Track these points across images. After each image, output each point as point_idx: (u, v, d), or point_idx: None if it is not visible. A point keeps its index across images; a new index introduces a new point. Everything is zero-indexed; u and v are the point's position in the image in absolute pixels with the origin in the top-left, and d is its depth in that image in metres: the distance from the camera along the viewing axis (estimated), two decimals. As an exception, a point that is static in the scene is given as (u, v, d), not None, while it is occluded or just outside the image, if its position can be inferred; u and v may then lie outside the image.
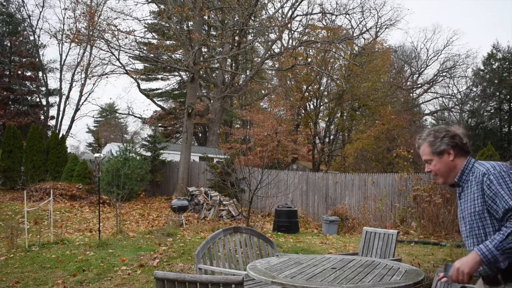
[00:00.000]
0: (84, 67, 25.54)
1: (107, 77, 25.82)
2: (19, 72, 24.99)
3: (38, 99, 27.36)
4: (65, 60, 26.70)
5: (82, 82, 26.02)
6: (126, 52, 18.41)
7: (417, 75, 35.48)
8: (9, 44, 25.69)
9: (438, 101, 35.49)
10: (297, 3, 23.84)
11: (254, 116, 24.33)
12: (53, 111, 27.27)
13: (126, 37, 18.96)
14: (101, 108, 34.14)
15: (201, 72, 19.92)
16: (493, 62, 31.48)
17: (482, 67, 32.42)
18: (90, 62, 24.81)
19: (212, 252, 3.75)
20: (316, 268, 3.03)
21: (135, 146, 17.08)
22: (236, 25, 19.84)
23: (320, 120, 29.72)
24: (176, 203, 11.96)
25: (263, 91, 30.79)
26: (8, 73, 25.56)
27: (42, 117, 26.52)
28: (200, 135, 35.44)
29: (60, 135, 19.09)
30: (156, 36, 22.29)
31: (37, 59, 26.11)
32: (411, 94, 34.53)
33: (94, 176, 15.31)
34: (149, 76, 29.55)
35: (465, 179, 2.19)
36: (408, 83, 34.85)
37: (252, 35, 25.67)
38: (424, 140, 2.27)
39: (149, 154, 17.61)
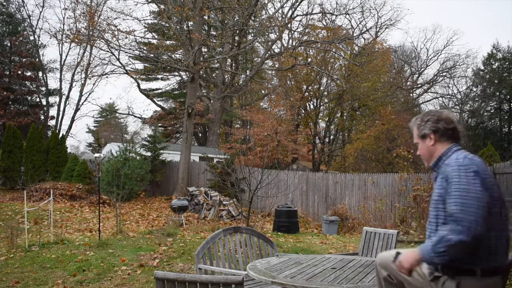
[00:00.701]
0: (84, 67, 25.54)
1: (107, 77, 25.84)
2: (19, 72, 24.98)
3: (38, 99, 27.36)
4: (65, 60, 26.72)
5: (82, 82, 26.04)
6: (126, 52, 18.42)
7: (417, 75, 35.49)
8: (9, 44, 25.69)
9: (438, 101, 35.49)
10: (297, 3, 23.84)
11: (254, 116, 24.33)
12: (53, 111, 27.30)
13: (126, 37, 18.96)
14: (101, 108, 34.14)
15: (201, 72, 19.91)
16: (493, 62, 31.48)
17: (482, 67, 32.43)
18: (90, 62, 24.82)
19: (212, 252, 3.75)
20: (316, 268, 3.03)
21: (135, 146, 17.08)
22: (236, 25, 19.84)
23: (320, 120, 29.73)
24: (176, 203, 11.96)
25: (263, 91, 30.79)
26: (8, 73, 25.56)
27: (42, 117, 26.52)
28: (200, 135, 35.44)
29: (60, 135, 19.09)
30: (156, 36, 22.29)
31: (37, 59, 26.10)
32: (411, 94, 34.53)
33: (94, 176, 15.31)
34: (149, 76, 29.55)
35: (440, 165, 2.21)
36: (408, 83, 34.84)
37: (252, 35, 25.67)
38: (414, 123, 2.33)
39: (149, 154, 17.61)
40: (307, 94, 26.86)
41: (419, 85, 34.99)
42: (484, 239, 1.94)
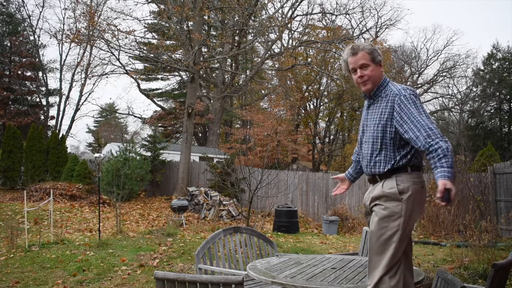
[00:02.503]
0: (84, 67, 25.54)
1: (107, 77, 25.83)
2: (19, 72, 24.98)
3: (38, 99, 27.36)
4: (65, 60, 26.72)
5: (82, 82, 26.02)
6: (126, 52, 18.41)
7: (417, 75, 35.48)
8: (9, 44, 25.69)
9: (438, 101, 35.52)
10: (297, 3, 23.83)
11: (254, 116, 24.33)
12: (53, 111, 27.29)
13: (126, 37, 18.94)
14: (101, 108, 34.14)
15: (201, 72, 19.91)
16: (493, 62, 31.48)
17: (482, 67, 32.43)
18: (90, 62, 24.81)
19: (212, 252, 3.75)
20: (316, 268, 3.03)
21: (135, 146, 17.08)
22: (236, 25, 19.84)
23: (320, 120, 29.74)
24: (176, 203, 11.96)
25: (263, 91, 30.79)
26: (8, 73, 25.56)
27: (42, 117, 26.51)
28: (200, 135, 35.44)
29: (60, 135, 19.08)
30: (156, 36, 22.28)
31: (37, 59, 26.10)
32: (411, 94, 34.48)
33: (94, 176, 15.31)
34: (149, 76, 29.53)
35: (378, 94, 2.44)
36: (408, 83, 34.83)
37: (252, 35, 25.66)
38: (363, 49, 2.44)
39: (149, 154, 17.60)
40: (307, 94, 26.87)
41: (419, 85, 34.98)
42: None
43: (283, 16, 24.45)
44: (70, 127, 27.00)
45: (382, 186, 2.37)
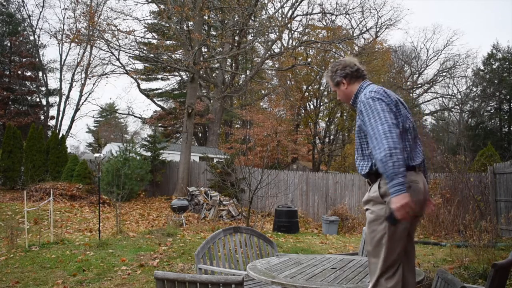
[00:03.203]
0: (84, 67, 25.53)
1: (107, 77, 25.83)
2: (19, 72, 24.97)
3: (38, 99, 27.35)
4: (65, 60, 26.70)
5: (82, 82, 26.01)
6: (126, 52, 18.41)
7: (417, 75, 35.50)
8: (9, 44, 25.68)
9: (438, 101, 35.53)
10: (297, 3, 23.83)
11: (254, 116, 24.33)
12: (53, 111, 27.28)
13: (126, 37, 18.95)
14: (101, 108, 34.13)
15: (201, 72, 19.91)
16: (493, 62, 31.47)
17: (482, 67, 32.42)
18: (90, 62, 24.80)
19: (212, 252, 3.75)
20: (316, 268, 3.03)
21: (135, 146, 17.07)
22: (236, 25, 19.84)
23: (320, 120, 29.74)
24: (176, 203, 11.96)
25: (263, 91, 30.78)
26: (8, 73, 25.55)
27: (42, 117, 26.50)
28: (200, 135, 35.43)
29: (60, 135, 19.08)
30: (156, 36, 22.28)
31: (37, 59, 26.10)
32: (411, 94, 34.52)
33: (94, 176, 15.31)
34: (149, 76, 29.52)
35: (356, 103, 2.54)
36: (408, 83, 34.85)
37: (252, 35, 25.65)
38: (327, 76, 2.68)
39: (149, 154, 17.60)
40: (307, 94, 26.86)
41: (419, 85, 35.00)
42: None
43: (283, 16, 24.45)
44: (70, 127, 27.01)
45: (369, 190, 2.43)
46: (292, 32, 25.02)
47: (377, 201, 2.32)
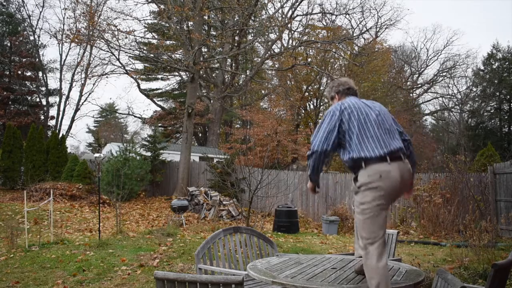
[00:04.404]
0: (84, 67, 25.54)
1: (107, 77, 25.79)
2: (19, 72, 24.98)
3: (38, 99, 27.36)
4: (65, 60, 26.73)
5: (82, 82, 26.03)
6: (126, 52, 18.40)
7: (417, 75, 35.49)
8: (9, 44, 25.69)
9: (438, 101, 35.53)
10: (297, 3, 23.82)
11: (254, 116, 24.32)
12: (53, 111, 27.30)
13: (126, 37, 18.96)
14: (101, 108, 34.15)
15: (201, 72, 19.90)
16: (493, 62, 31.48)
17: (482, 67, 32.43)
18: (90, 62, 24.82)
19: (212, 252, 3.75)
20: (317, 268, 3.03)
21: (135, 146, 17.07)
22: (236, 25, 19.83)
23: (320, 120, 29.73)
24: (176, 203, 11.96)
25: (263, 91, 30.78)
26: (8, 73, 25.56)
27: (42, 117, 26.51)
28: (200, 135, 35.44)
29: (60, 135, 19.08)
30: (156, 36, 22.28)
31: (37, 59, 26.11)
32: (411, 94, 34.54)
33: (94, 176, 15.31)
34: (149, 76, 29.54)
35: None
36: (408, 83, 34.85)
37: (252, 35, 25.65)
38: (326, 91, 3.28)
39: (149, 154, 17.60)
40: (307, 94, 26.86)
41: (419, 85, 35.00)
42: (358, 150, 2.72)
43: (283, 16, 24.44)
44: (70, 127, 27.03)
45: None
46: (292, 32, 25.02)
47: (356, 192, 2.75)
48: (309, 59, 25.53)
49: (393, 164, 2.68)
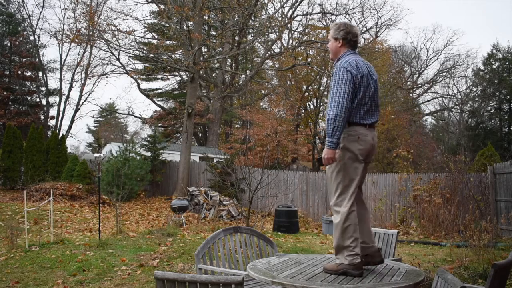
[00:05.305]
0: (84, 67, 25.52)
1: (107, 77, 25.81)
2: (19, 72, 24.97)
3: (38, 99, 27.36)
4: (65, 60, 26.71)
5: (82, 82, 26.02)
6: (126, 52, 18.40)
7: (417, 75, 35.50)
8: (9, 44, 25.69)
9: (438, 101, 35.53)
10: (297, 3, 23.82)
11: (254, 116, 24.33)
12: (53, 111, 27.29)
13: (126, 37, 18.94)
14: (101, 108, 34.12)
15: (201, 72, 19.90)
16: (493, 62, 31.47)
17: (482, 67, 32.42)
18: (90, 62, 24.80)
19: (212, 252, 3.75)
20: (317, 268, 3.03)
21: (135, 146, 17.07)
22: (236, 25, 19.83)
23: (320, 120, 29.72)
24: (176, 203, 11.96)
25: (263, 91, 30.78)
26: (8, 73, 25.56)
27: (42, 117, 26.51)
28: (200, 135, 35.44)
29: (60, 135, 19.08)
30: (156, 36, 22.27)
31: (37, 59, 26.10)
32: (411, 94, 34.53)
33: (94, 176, 15.31)
34: (149, 76, 29.52)
35: (336, 64, 3.01)
36: (408, 83, 34.85)
37: (252, 35, 25.65)
38: (333, 27, 3.16)
39: (149, 154, 17.60)
40: (307, 94, 26.85)
41: (419, 85, 35.00)
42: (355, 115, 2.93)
43: (283, 16, 24.44)
44: (70, 127, 27.01)
45: None
46: (292, 32, 25.01)
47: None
48: (309, 59, 25.52)
49: (370, 130, 3.04)
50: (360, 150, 2.96)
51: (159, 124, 29.09)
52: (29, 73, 26.36)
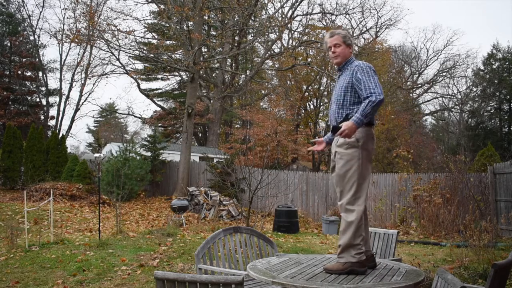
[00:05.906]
0: (84, 67, 25.53)
1: (107, 77, 25.82)
2: (19, 72, 24.97)
3: (38, 99, 27.36)
4: (65, 60, 26.72)
5: (82, 82, 26.02)
6: (126, 52, 18.40)
7: (417, 75, 35.50)
8: (9, 44, 25.69)
9: (438, 101, 35.54)
10: (297, 3, 23.83)
11: (254, 116, 24.32)
12: (53, 111, 27.30)
13: (126, 37, 18.93)
14: (101, 108, 34.13)
15: (201, 72, 19.90)
16: (493, 62, 31.47)
17: (482, 67, 32.42)
18: (90, 62, 24.80)
19: (212, 252, 3.75)
20: (317, 268, 3.03)
21: (135, 146, 17.07)
22: (236, 25, 19.83)
23: (320, 120, 29.73)
24: (176, 203, 11.96)
25: (263, 91, 30.78)
26: (8, 73, 25.56)
27: (42, 117, 26.51)
28: (200, 135, 35.44)
29: (60, 135, 19.08)
30: (156, 36, 22.27)
31: (37, 59, 26.10)
32: (411, 94, 34.54)
33: (94, 176, 15.31)
34: (149, 76, 29.52)
35: (346, 67, 3.21)
36: (408, 83, 34.85)
37: (252, 35, 25.65)
38: (339, 34, 3.27)
39: (149, 154, 17.60)
40: (307, 94, 26.86)
41: (419, 85, 35.00)
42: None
43: (283, 16, 24.44)
44: (70, 127, 27.02)
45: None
46: (292, 32, 25.01)
47: (352, 145, 2.98)
48: (309, 59, 25.53)
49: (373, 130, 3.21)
50: (373, 150, 3.13)
51: (159, 124, 29.09)
52: (29, 73, 26.36)
